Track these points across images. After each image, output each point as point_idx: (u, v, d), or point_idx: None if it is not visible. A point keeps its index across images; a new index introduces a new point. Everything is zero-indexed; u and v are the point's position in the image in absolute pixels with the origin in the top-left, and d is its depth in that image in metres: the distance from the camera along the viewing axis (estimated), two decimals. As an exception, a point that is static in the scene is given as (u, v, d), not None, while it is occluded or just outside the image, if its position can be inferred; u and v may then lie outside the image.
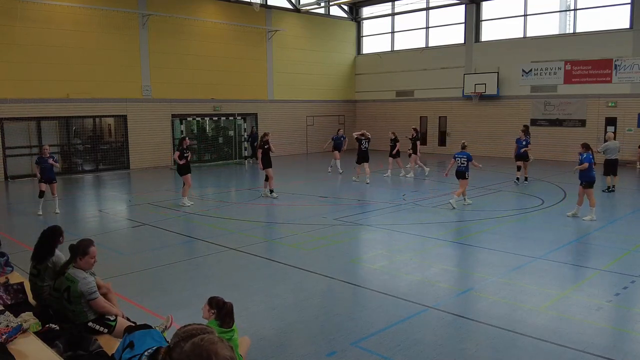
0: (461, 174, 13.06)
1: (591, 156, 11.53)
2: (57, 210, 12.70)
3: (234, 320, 4.23)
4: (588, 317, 6.21)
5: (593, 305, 6.58)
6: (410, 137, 18.54)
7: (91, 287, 4.58)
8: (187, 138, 14.23)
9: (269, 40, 26.76)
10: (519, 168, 16.63)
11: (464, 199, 13.16)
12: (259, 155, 14.66)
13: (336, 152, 19.56)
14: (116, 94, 21.46)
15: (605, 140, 16.03)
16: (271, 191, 14.56)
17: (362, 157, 17.39)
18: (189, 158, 13.60)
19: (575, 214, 11.60)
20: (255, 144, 22.84)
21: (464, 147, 13.48)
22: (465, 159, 13.07)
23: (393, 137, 18.36)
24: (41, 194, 12.51)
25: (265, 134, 14.95)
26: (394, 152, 18.31)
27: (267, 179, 14.61)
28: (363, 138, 17.47)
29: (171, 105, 23.16)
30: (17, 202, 15.24)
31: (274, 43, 26.95)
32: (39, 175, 12.49)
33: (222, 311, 4.17)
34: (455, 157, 13.38)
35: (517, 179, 16.60)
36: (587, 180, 11.37)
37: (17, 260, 6.67)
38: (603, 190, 14.91)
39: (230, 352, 1.70)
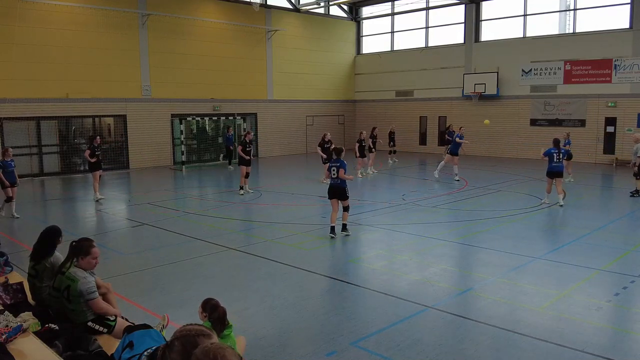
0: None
1: (552, 150, 12.89)
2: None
3: (225, 325, 4.09)
4: (588, 317, 6.21)
5: (593, 305, 6.58)
6: (357, 140, 18.80)
7: (90, 287, 4.58)
8: (98, 137, 14.62)
9: (269, 40, 26.76)
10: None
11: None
12: (240, 152, 15.30)
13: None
14: (116, 93, 21.46)
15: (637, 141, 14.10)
16: (241, 187, 15.34)
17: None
18: (100, 157, 14.23)
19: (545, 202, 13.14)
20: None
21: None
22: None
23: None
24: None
25: (249, 133, 15.72)
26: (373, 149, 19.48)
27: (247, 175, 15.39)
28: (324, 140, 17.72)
29: (171, 105, 23.16)
30: (16, 202, 15.21)
31: (273, 43, 26.95)
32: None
33: (213, 315, 4.07)
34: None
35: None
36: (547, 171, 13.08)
37: (17, 260, 6.67)
38: (631, 195, 14.08)
39: (237, 358, 1.71)
